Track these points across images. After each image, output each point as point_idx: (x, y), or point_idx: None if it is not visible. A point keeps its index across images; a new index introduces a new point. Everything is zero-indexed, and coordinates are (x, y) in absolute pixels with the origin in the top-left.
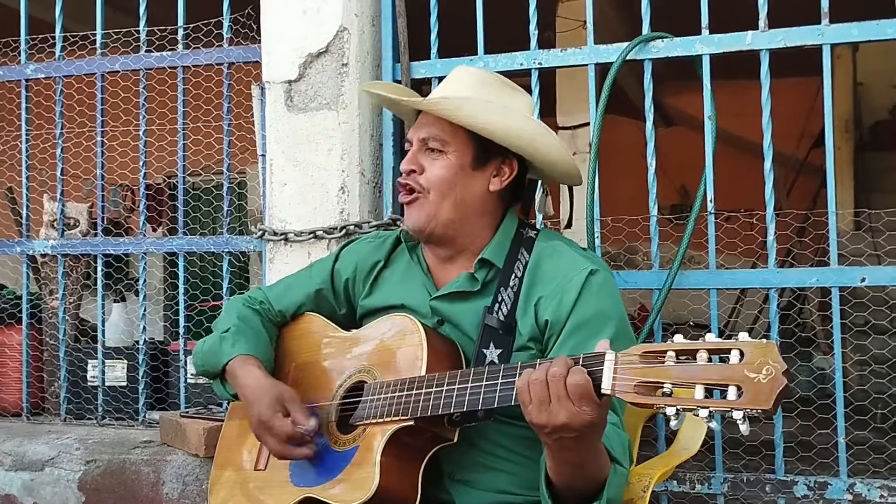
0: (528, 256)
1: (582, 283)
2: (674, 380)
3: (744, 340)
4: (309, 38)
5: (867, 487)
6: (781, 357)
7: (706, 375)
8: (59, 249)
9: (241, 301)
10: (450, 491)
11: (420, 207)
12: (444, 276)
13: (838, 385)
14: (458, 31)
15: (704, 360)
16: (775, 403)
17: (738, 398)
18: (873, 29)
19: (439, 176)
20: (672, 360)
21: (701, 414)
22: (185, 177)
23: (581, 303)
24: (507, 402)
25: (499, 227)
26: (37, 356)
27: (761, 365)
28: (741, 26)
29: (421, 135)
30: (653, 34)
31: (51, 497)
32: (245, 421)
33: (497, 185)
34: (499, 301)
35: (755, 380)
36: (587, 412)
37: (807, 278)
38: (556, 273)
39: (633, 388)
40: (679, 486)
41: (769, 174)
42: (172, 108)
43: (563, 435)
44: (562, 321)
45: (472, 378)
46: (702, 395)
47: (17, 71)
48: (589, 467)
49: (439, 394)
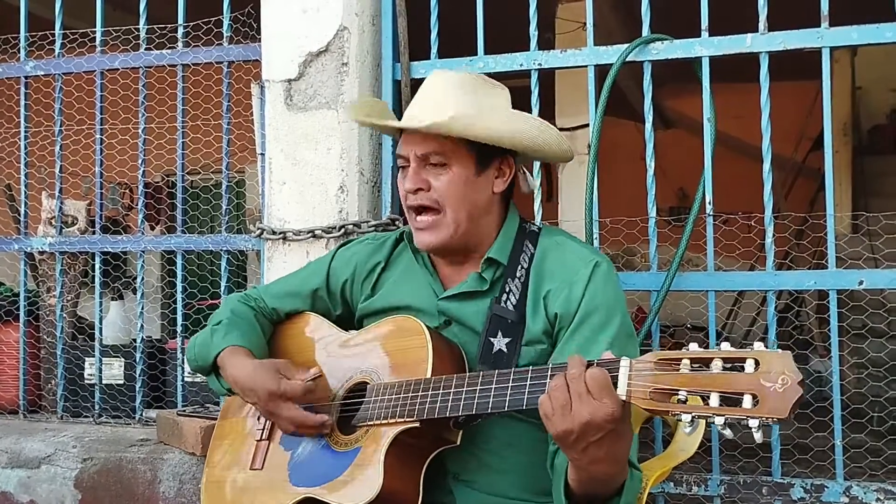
0: (533, 248)
1: (589, 274)
2: (689, 387)
3: (759, 350)
4: (309, 37)
5: (863, 490)
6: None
7: (721, 383)
8: (57, 247)
9: (236, 298)
10: (453, 492)
11: (438, 227)
12: (451, 276)
13: (835, 388)
14: (458, 32)
15: (719, 368)
16: (791, 413)
17: (753, 407)
18: (873, 32)
19: (449, 191)
20: (687, 367)
21: (717, 422)
22: (184, 175)
23: (589, 294)
24: (517, 407)
25: (502, 224)
26: (34, 354)
27: (777, 374)
28: (741, 29)
29: (418, 151)
30: (652, 36)
31: (47, 495)
32: (239, 419)
33: (501, 186)
34: (506, 291)
35: (771, 389)
36: (608, 405)
37: (805, 281)
38: (562, 266)
39: (648, 395)
40: (676, 487)
41: (768, 177)
42: (172, 106)
43: (590, 440)
44: (572, 313)
45: (481, 381)
46: (717, 402)
47: (17, 68)
48: (615, 479)
49: (447, 396)
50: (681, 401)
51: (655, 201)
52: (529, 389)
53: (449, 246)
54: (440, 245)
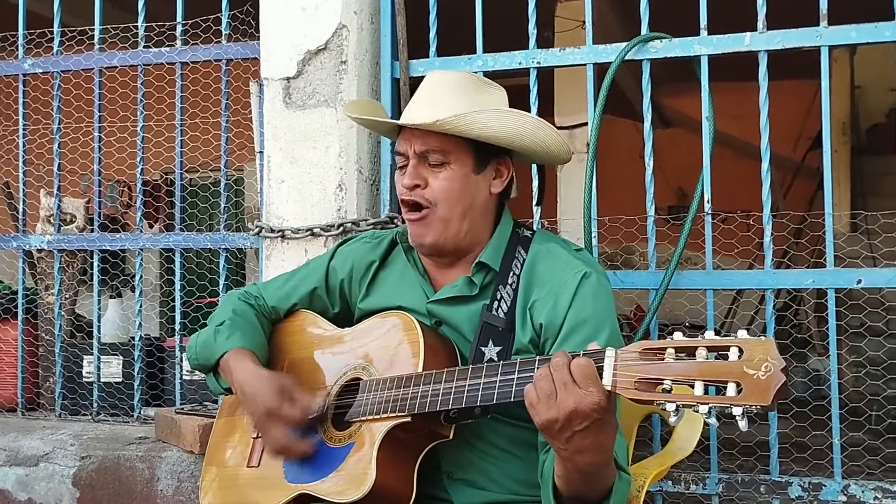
0: (525, 255)
1: (576, 286)
2: (673, 376)
3: (742, 338)
4: (308, 36)
5: (861, 489)
6: (780, 354)
7: (705, 372)
8: (55, 245)
9: (237, 296)
10: (448, 490)
11: (429, 223)
12: (441, 278)
13: (833, 387)
14: (457, 30)
15: (703, 357)
16: (774, 399)
17: (737, 394)
18: (871, 31)
19: (447, 188)
20: (671, 356)
21: (700, 410)
22: (183, 173)
23: (575, 306)
24: (506, 399)
25: (496, 227)
26: (32, 351)
27: (760, 362)
28: (740, 28)
29: (417, 148)
30: (651, 34)
31: (45, 493)
32: (237, 417)
33: (499, 187)
34: (497, 299)
35: (754, 376)
36: (594, 393)
37: (803, 280)
38: (550, 276)
39: (633, 385)
40: (674, 486)
41: (766, 176)
42: (170, 104)
43: (574, 429)
44: (557, 325)
45: (470, 375)
46: (701, 391)
47: (15, 65)
48: (600, 475)
49: (437, 390)
50: (665, 390)
51: (654, 200)
52: (517, 382)
53: (441, 244)
54: (433, 241)
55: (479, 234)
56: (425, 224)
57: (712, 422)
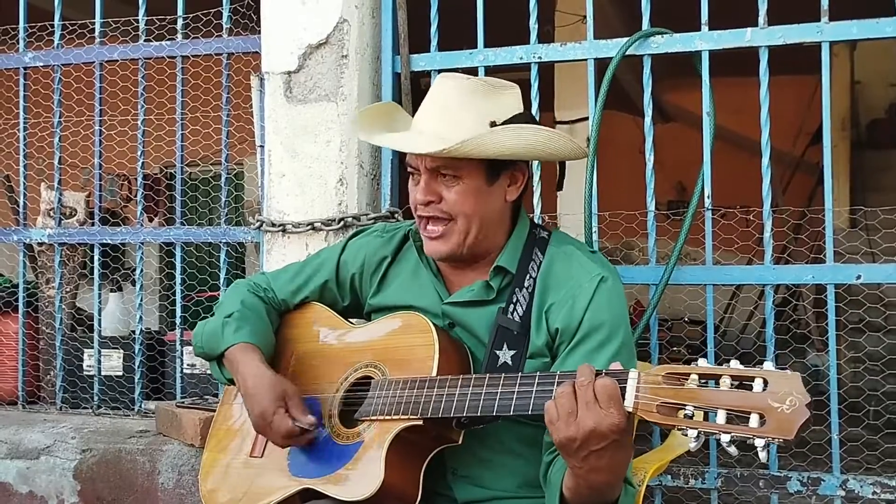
0: (542, 257)
1: (593, 289)
2: (696, 403)
3: (768, 370)
4: (309, 30)
5: (860, 484)
6: (805, 388)
7: (729, 401)
8: (55, 238)
9: (246, 286)
10: (451, 487)
11: (448, 238)
12: (455, 279)
13: (832, 382)
14: (458, 25)
15: (727, 385)
16: (797, 434)
17: (760, 426)
18: (872, 27)
19: (462, 202)
20: (695, 382)
21: (723, 439)
22: (183, 167)
23: (592, 310)
24: (523, 412)
25: (512, 230)
26: (33, 345)
27: (785, 395)
28: (741, 23)
29: (428, 164)
30: (652, 30)
31: (46, 485)
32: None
33: (514, 195)
34: (513, 302)
35: (778, 409)
36: (615, 415)
37: (802, 275)
38: (567, 279)
39: (655, 408)
40: (673, 480)
41: (766, 171)
42: (171, 97)
43: (591, 448)
44: (573, 328)
45: (487, 383)
46: (724, 420)
47: (16, 59)
48: (609, 491)
49: (452, 396)
50: (687, 416)
51: (654, 195)
52: (536, 395)
53: (458, 254)
54: (450, 252)
55: (496, 238)
56: (444, 238)
57: (732, 451)
